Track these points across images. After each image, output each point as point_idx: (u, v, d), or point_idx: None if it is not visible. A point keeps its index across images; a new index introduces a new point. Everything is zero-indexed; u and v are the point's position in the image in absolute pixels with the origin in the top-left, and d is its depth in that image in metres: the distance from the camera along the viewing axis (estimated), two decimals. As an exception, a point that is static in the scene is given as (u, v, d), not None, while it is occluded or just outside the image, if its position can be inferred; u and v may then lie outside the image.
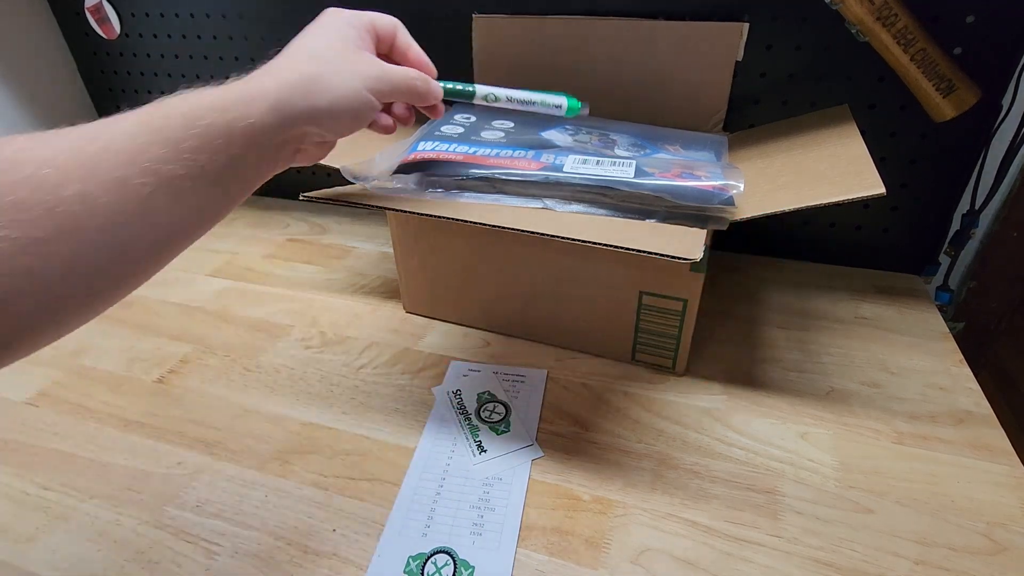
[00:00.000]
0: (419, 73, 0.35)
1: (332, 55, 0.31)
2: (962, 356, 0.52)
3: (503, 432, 0.45)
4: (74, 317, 0.24)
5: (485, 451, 0.44)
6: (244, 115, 0.27)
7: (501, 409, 0.47)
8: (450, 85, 0.37)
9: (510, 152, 0.49)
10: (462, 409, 0.47)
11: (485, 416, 0.46)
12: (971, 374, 0.50)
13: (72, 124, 0.23)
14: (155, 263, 0.27)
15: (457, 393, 0.48)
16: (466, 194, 0.47)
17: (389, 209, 0.44)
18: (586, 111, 0.40)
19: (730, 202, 0.42)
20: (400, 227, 0.55)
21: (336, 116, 0.31)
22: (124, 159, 0.23)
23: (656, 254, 0.37)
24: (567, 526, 0.39)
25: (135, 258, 0.25)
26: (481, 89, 0.38)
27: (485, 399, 0.48)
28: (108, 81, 0.83)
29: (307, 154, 0.34)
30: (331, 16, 0.33)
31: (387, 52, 0.36)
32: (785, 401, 0.48)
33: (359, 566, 0.37)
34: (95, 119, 0.24)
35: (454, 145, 0.50)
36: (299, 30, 0.32)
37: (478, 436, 0.45)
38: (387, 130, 0.37)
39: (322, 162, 0.53)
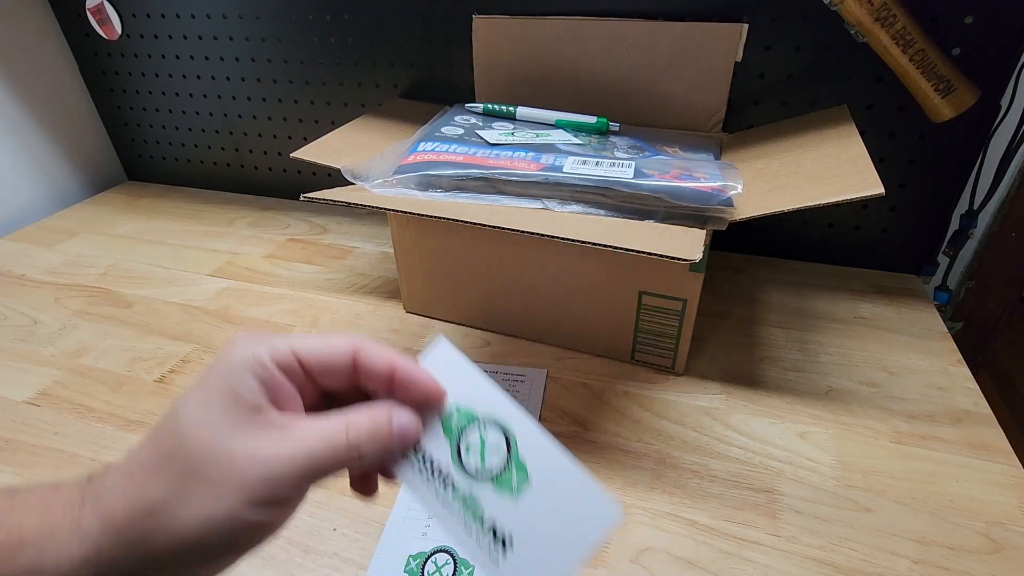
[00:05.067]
0: (373, 420, 0.22)
1: (202, 449, 0.20)
2: (960, 356, 0.52)
3: None
4: None
5: None
6: None
7: None
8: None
9: (510, 153, 0.49)
10: None
11: None
12: (969, 374, 0.50)
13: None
14: None
15: None
16: (466, 194, 0.47)
17: (389, 209, 0.44)
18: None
19: (729, 203, 0.43)
20: (400, 227, 0.55)
21: (196, 559, 0.20)
22: None
23: (655, 254, 0.37)
24: (567, 525, 0.39)
25: None
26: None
27: None
28: (109, 82, 0.83)
29: None
30: (226, 356, 0.22)
31: (344, 387, 0.24)
32: (784, 400, 0.48)
33: (360, 565, 0.37)
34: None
35: (454, 146, 0.50)
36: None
37: None
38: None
39: (322, 162, 0.53)
